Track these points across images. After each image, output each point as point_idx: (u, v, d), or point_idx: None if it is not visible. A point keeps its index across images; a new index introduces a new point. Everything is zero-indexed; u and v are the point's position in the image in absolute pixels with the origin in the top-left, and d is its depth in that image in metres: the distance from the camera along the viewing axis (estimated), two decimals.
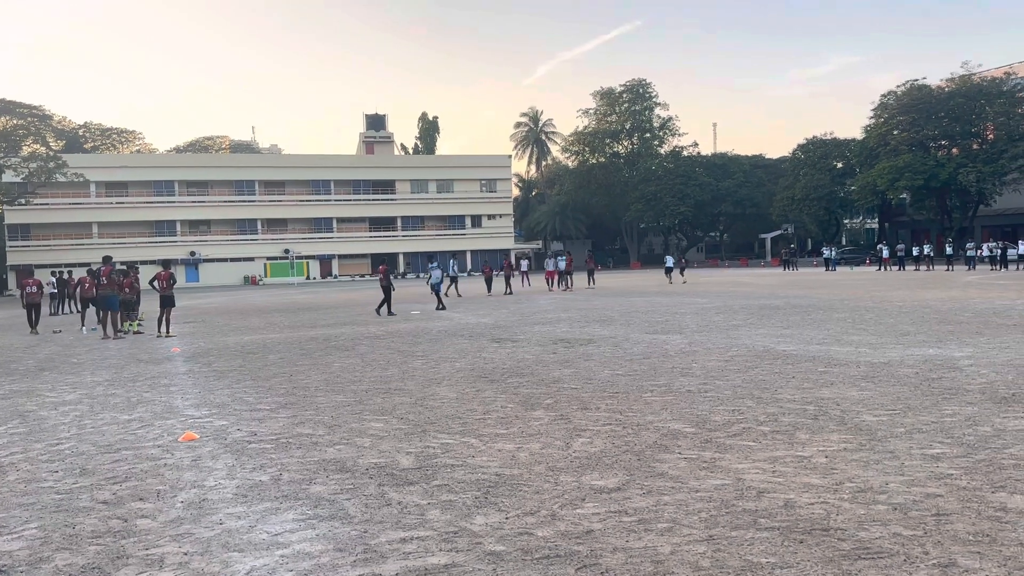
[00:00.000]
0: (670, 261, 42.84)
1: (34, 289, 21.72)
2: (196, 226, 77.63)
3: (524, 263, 44.82)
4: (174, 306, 19.35)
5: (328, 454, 6.42)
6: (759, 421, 7.04)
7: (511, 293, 33.98)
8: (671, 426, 6.97)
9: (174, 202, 76.46)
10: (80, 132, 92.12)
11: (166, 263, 19.83)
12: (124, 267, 22.14)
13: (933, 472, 5.28)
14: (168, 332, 18.75)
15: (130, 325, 19.92)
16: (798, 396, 8.13)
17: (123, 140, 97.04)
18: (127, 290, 19.91)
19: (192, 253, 75.65)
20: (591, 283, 37.78)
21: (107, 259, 19.67)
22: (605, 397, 8.50)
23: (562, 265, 37.67)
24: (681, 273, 43.48)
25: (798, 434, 6.49)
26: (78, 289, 25.20)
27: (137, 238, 74.25)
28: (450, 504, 5.00)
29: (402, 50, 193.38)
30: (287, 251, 76.28)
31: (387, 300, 23.16)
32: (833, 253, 54.69)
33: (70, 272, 34.45)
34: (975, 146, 59.57)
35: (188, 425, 7.85)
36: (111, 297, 18.86)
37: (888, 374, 9.28)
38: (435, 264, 31.34)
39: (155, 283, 19.14)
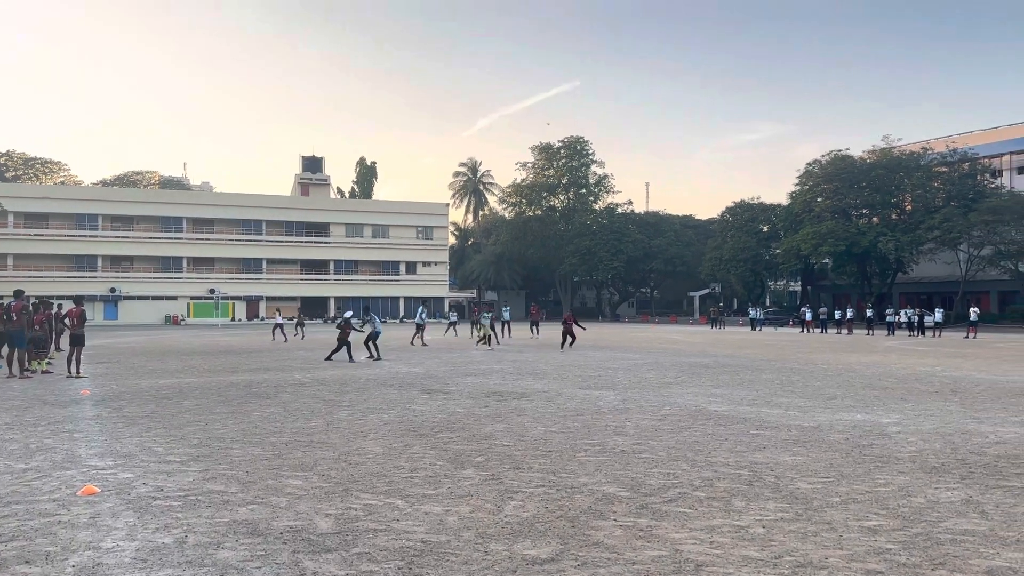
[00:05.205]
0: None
1: None
2: (118, 262, 75.11)
3: (422, 312, 32.58)
4: (84, 345, 18.39)
5: (240, 514, 5.96)
6: (694, 486, 6.86)
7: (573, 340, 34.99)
8: (606, 489, 6.74)
9: (96, 236, 73.90)
10: (1, 161, 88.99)
11: (78, 299, 18.88)
12: (36, 302, 21.21)
13: (872, 547, 5.15)
14: (79, 372, 17.77)
15: (38, 364, 18.86)
16: (732, 460, 8.00)
17: (47, 171, 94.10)
18: (37, 327, 18.92)
19: (112, 289, 72.94)
20: (534, 333, 38.95)
21: (19, 293, 18.67)
22: (538, 456, 8.23)
23: (506, 315, 38.89)
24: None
25: (734, 501, 6.33)
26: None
27: (55, 272, 71.43)
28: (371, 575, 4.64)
29: (343, 94, 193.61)
30: (212, 291, 74.24)
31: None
32: (759, 313, 56.07)
33: None
34: (894, 216, 62.14)
35: (89, 477, 7.26)
36: (18, 332, 17.84)
37: (819, 439, 9.26)
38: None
39: (66, 320, 18.23)
